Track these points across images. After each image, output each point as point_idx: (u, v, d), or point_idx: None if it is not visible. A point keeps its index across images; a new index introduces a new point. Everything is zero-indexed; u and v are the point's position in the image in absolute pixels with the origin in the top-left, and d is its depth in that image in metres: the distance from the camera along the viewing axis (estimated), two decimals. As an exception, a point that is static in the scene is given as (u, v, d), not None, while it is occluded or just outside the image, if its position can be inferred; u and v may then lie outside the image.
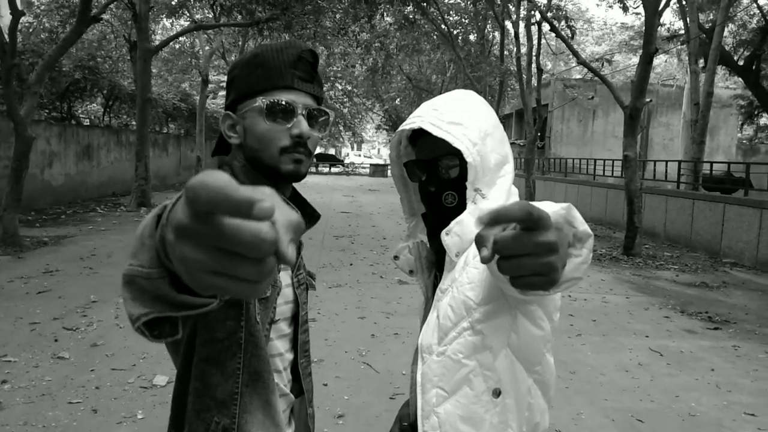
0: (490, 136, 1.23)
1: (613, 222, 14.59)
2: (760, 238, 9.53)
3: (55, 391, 3.85)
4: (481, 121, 1.24)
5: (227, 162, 1.18)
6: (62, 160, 14.82)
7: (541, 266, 0.69)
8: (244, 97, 1.13)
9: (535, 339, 1.15)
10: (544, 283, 0.71)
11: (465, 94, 1.31)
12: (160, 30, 23.12)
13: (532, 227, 0.67)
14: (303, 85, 1.14)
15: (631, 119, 10.16)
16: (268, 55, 1.12)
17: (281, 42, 1.15)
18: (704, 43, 16.02)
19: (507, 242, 0.68)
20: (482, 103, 1.29)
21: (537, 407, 1.20)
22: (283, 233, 0.47)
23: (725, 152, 26.59)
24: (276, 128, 1.11)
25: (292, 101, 1.11)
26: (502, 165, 1.25)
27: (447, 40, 19.77)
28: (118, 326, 5.23)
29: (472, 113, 1.24)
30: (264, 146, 1.12)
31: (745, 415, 3.91)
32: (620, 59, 31.79)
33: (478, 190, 1.21)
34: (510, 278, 0.73)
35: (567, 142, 26.64)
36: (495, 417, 1.14)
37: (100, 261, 8.09)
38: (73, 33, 9.75)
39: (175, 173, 23.99)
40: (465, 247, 1.20)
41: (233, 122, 1.16)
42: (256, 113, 1.11)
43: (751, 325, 6.21)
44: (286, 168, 1.13)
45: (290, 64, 1.13)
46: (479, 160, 1.20)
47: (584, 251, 0.86)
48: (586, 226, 0.88)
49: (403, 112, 36.98)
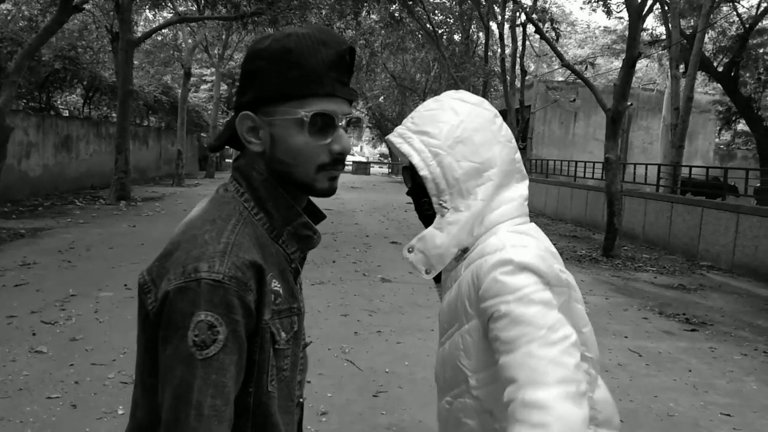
0: (463, 143, 1.18)
1: (593, 223, 14.76)
2: (736, 242, 9.70)
3: (33, 385, 3.79)
4: (453, 128, 1.19)
5: (243, 172, 1.02)
6: (40, 151, 14.58)
7: None
8: (274, 100, 0.97)
9: None
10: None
11: (449, 97, 1.26)
12: (142, 21, 22.84)
13: None
14: (343, 91, 0.99)
15: (613, 122, 10.27)
16: (305, 51, 0.95)
17: (315, 32, 0.97)
18: (685, 48, 16.26)
19: None
20: (465, 104, 1.24)
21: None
22: None
23: (703, 157, 27.03)
24: (315, 143, 0.97)
25: (334, 112, 0.98)
26: (481, 172, 1.19)
27: (432, 39, 19.82)
28: (98, 320, 5.16)
29: (446, 119, 1.20)
30: (300, 162, 0.98)
31: (722, 415, 3.99)
32: (602, 62, 32.13)
33: (443, 203, 1.18)
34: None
35: (548, 144, 26.87)
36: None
37: (79, 254, 7.97)
38: (54, 22, 9.61)
39: (155, 167, 23.74)
40: (433, 264, 1.19)
41: (255, 125, 0.99)
42: (291, 124, 0.97)
43: (727, 327, 6.32)
44: (322, 186, 1.01)
45: (331, 65, 0.97)
46: (438, 172, 1.17)
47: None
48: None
49: (386, 110, 36.98)
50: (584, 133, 26.79)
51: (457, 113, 1.21)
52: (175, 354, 0.86)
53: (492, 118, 1.24)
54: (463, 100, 1.24)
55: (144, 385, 0.98)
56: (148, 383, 0.96)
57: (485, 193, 1.18)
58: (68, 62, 16.44)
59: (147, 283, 0.98)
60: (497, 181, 1.19)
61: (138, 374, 1.01)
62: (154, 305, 0.93)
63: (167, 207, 14.23)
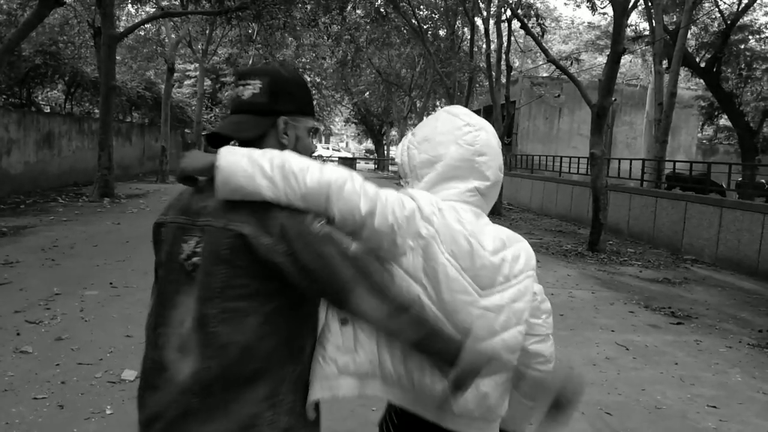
0: (428, 141, 1.52)
1: (578, 218, 14.86)
2: (719, 235, 9.83)
3: (18, 386, 3.73)
4: (427, 129, 1.55)
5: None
6: (21, 148, 14.36)
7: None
8: (301, 113, 1.44)
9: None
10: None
11: (445, 109, 1.60)
12: (125, 16, 22.56)
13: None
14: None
15: (598, 118, 10.34)
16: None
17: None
18: (668, 44, 16.40)
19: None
20: (446, 114, 1.56)
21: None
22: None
23: (686, 152, 27.33)
24: (311, 143, 1.49)
25: (319, 125, 1.54)
26: (432, 163, 1.50)
27: (417, 34, 19.80)
28: (84, 319, 5.10)
29: (427, 123, 1.58)
30: (306, 154, 1.40)
31: (708, 407, 4.04)
32: (586, 58, 32.31)
33: (405, 183, 1.57)
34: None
35: (533, 139, 27.01)
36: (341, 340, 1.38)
37: (63, 252, 7.87)
38: (35, 16, 9.46)
39: (138, 163, 23.50)
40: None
41: (288, 128, 1.41)
42: (305, 130, 1.46)
43: (712, 320, 6.40)
44: None
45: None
46: (406, 160, 1.57)
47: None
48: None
49: (372, 106, 36.91)
50: (569, 128, 26.97)
51: (437, 120, 1.56)
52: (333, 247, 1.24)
53: (461, 126, 1.51)
54: (447, 112, 1.57)
55: (227, 318, 1.24)
56: (231, 307, 1.24)
57: (429, 179, 1.50)
58: (49, 57, 16.18)
59: (254, 234, 1.23)
60: (441, 171, 1.49)
61: (212, 317, 1.25)
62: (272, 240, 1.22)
63: (151, 204, 14.10)
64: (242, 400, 1.25)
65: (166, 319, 1.31)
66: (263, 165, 1.23)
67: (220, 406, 1.24)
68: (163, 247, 1.37)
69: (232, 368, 1.24)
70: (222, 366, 1.23)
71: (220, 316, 1.24)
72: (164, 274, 1.36)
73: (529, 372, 1.45)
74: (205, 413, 1.24)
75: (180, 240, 1.31)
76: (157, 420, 1.27)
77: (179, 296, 1.30)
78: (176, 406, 1.25)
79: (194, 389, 1.24)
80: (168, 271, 1.34)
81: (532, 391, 1.49)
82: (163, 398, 1.27)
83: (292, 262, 1.21)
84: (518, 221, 15.15)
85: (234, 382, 1.24)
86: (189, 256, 1.29)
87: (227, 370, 1.24)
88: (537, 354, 1.51)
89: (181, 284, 1.30)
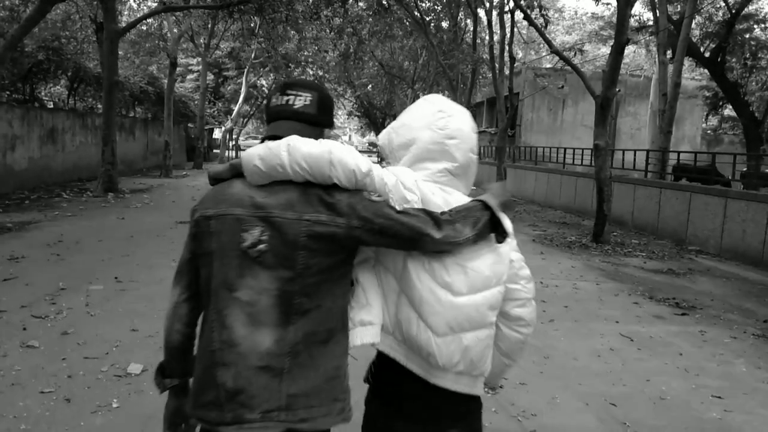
0: (406, 126, 1.70)
1: (582, 210, 14.83)
2: (724, 226, 9.79)
3: (26, 380, 3.76)
4: (406, 116, 1.73)
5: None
6: (25, 143, 14.39)
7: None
8: (330, 125, 1.69)
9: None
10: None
11: (424, 97, 1.77)
12: (127, 11, 22.51)
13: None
14: None
15: (602, 109, 10.29)
16: None
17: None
18: (672, 34, 16.30)
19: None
20: (424, 101, 1.74)
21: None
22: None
23: (690, 142, 27.20)
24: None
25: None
26: (408, 146, 1.68)
27: (420, 26, 19.72)
28: (89, 314, 5.12)
29: (408, 110, 1.76)
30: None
31: (713, 397, 4.04)
32: (590, 49, 32.14)
33: (386, 164, 1.73)
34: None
35: (537, 131, 26.92)
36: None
37: (68, 247, 7.90)
38: (37, 12, 9.46)
39: (142, 158, 23.53)
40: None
41: (324, 136, 1.65)
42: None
43: (716, 310, 6.39)
44: None
45: None
46: (386, 143, 1.74)
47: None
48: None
49: (374, 99, 36.81)
50: (573, 119, 26.86)
51: (415, 107, 1.74)
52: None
53: (435, 112, 1.67)
54: (425, 100, 1.75)
55: (308, 291, 1.48)
56: (310, 282, 1.49)
57: (405, 161, 1.68)
58: (52, 53, 16.17)
59: (330, 219, 1.48)
60: (415, 153, 1.66)
61: (295, 292, 1.47)
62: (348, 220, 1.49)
63: (155, 198, 14.13)
64: (327, 355, 1.51)
65: (231, 301, 1.48)
66: (281, 153, 1.49)
67: (307, 363, 1.48)
68: (213, 237, 1.53)
69: (315, 329, 1.49)
70: (305, 330, 1.48)
71: (302, 291, 1.47)
72: (220, 262, 1.51)
73: (509, 332, 1.67)
74: (297, 370, 1.47)
75: (239, 230, 1.49)
76: (239, 393, 1.45)
77: (244, 279, 1.48)
78: (260, 373, 1.45)
79: (281, 352, 1.46)
80: (226, 258, 1.50)
81: (509, 350, 1.71)
82: (242, 373, 1.45)
83: (368, 230, 1.48)
84: (522, 213, 15.13)
85: (316, 342, 1.49)
86: (254, 244, 1.47)
87: (310, 331, 1.48)
88: (518, 318, 1.67)
89: (244, 269, 1.48)
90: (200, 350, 1.54)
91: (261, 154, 1.49)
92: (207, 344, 1.51)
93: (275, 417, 1.46)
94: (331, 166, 1.47)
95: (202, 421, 1.54)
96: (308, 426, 1.49)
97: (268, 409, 1.45)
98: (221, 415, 1.47)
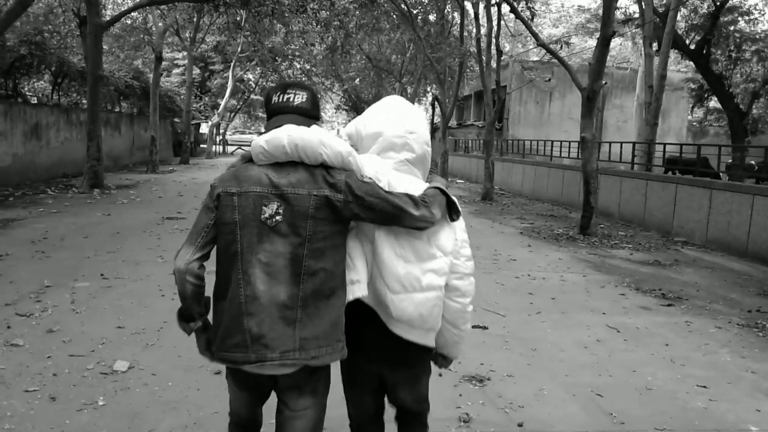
0: (376, 118, 2.08)
1: (569, 202, 14.90)
2: (709, 217, 9.88)
3: (10, 379, 3.72)
4: (374, 111, 2.12)
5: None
6: (8, 139, 14.22)
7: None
8: (318, 118, 2.10)
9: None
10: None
11: (389, 97, 2.18)
12: (110, 4, 22.24)
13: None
14: None
15: (588, 101, 10.33)
16: None
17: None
18: (658, 27, 16.37)
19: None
20: (391, 100, 2.15)
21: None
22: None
23: (676, 134, 27.39)
24: None
25: None
26: (375, 138, 2.05)
27: (407, 19, 19.64)
28: (75, 311, 5.07)
29: (376, 106, 2.14)
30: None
31: (698, 387, 4.07)
32: (577, 41, 32.24)
33: (353, 148, 1.97)
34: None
35: (524, 124, 27.00)
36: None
37: (53, 244, 7.83)
38: (18, 5, 9.32)
39: (128, 153, 23.34)
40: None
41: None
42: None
43: (702, 301, 6.45)
44: None
45: None
46: (353, 133, 2.13)
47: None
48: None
49: (362, 92, 36.71)
50: (560, 112, 26.96)
51: (384, 103, 2.15)
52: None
53: (398, 109, 2.09)
54: (391, 98, 2.16)
55: (314, 255, 1.88)
56: (316, 246, 1.89)
57: (373, 150, 2.06)
58: (34, 47, 15.95)
59: (332, 195, 1.89)
60: (382, 144, 2.04)
61: (304, 255, 1.87)
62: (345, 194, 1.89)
63: (142, 194, 14.02)
64: (330, 306, 1.90)
65: (253, 263, 1.86)
66: (282, 136, 1.87)
67: (315, 313, 1.87)
68: (237, 210, 1.88)
69: (320, 287, 1.88)
70: (313, 287, 1.87)
71: (309, 254, 1.86)
72: (243, 231, 1.87)
73: (448, 302, 2.04)
74: (306, 319, 1.86)
75: (260, 204, 1.86)
76: (262, 337, 1.83)
77: (263, 245, 1.86)
78: (278, 321, 1.84)
79: (293, 305, 1.85)
80: (248, 227, 1.87)
81: (452, 319, 2.08)
82: (264, 320, 1.84)
83: (360, 205, 1.86)
84: (509, 206, 15.18)
85: (322, 297, 1.88)
86: (271, 215, 1.85)
87: (317, 289, 1.87)
88: (455, 288, 2.04)
89: (263, 236, 1.86)
90: (228, 302, 1.88)
91: (267, 139, 1.87)
92: (234, 297, 1.87)
93: (291, 356, 1.85)
94: (322, 147, 1.85)
95: (226, 362, 1.92)
96: (318, 362, 1.89)
97: (285, 350, 1.84)
98: (246, 356, 1.85)
